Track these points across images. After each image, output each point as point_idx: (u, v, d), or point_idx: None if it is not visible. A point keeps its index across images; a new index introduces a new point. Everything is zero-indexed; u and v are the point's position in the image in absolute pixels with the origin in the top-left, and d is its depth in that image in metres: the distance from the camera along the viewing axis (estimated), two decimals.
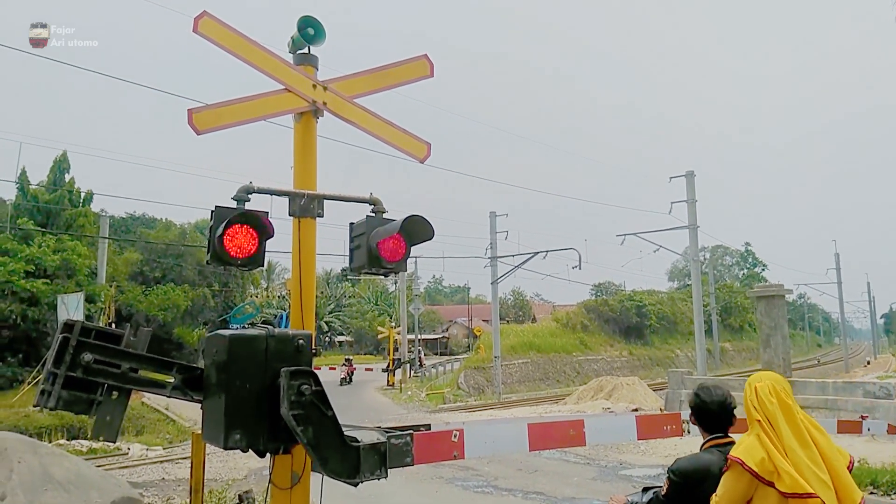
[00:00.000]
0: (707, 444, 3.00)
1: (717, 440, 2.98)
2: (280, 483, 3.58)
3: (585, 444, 4.23)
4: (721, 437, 2.98)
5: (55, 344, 3.25)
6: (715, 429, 3.01)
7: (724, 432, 3.00)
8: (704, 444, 3.03)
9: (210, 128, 3.52)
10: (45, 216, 34.98)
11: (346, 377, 35.56)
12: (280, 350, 3.33)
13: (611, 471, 11.53)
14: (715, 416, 2.99)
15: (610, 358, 46.24)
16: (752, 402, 2.68)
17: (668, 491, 2.93)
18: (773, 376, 2.76)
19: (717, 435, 3.00)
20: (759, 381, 2.72)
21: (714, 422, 3.00)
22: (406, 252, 4.01)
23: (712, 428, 3.02)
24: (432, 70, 4.38)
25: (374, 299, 72.97)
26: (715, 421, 3.00)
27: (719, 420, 2.99)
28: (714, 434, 3.01)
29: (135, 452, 15.08)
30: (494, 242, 31.34)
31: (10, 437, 9.45)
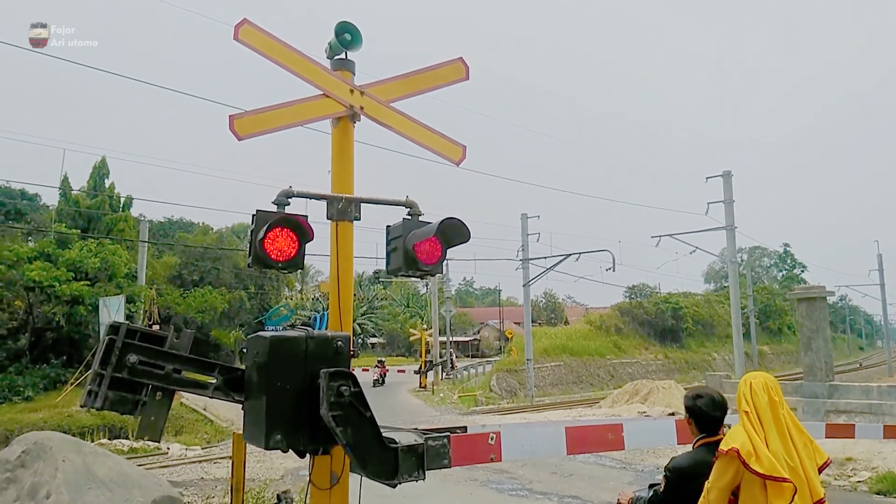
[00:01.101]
0: (699, 443, 3.24)
1: (708, 439, 3.20)
2: (319, 483, 3.61)
3: (624, 448, 4.18)
4: (711, 436, 3.20)
5: (101, 345, 3.33)
6: (707, 429, 3.24)
7: (716, 432, 3.22)
8: (696, 443, 3.26)
9: (251, 133, 3.59)
10: (87, 221, 35.98)
11: (378, 378, 35.78)
12: (319, 351, 3.36)
13: (647, 475, 11.37)
14: (711, 418, 3.24)
15: (645, 361, 45.62)
16: (744, 395, 2.94)
17: (665, 487, 3.17)
18: (766, 375, 3.05)
19: (707, 434, 3.23)
20: (753, 378, 3.01)
21: (709, 423, 3.24)
22: (442, 255, 4.02)
23: (706, 428, 3.24)
24: (468, 73, 4.39)
25: (406, 302, 73.26)
26: (710, 422, 3.24)
27: (714, 421, 3.24)
28: (705, 433, 3.24)
29: (174, 452, 15.37)
30: (526, 244, 31.21)
31: (54, 436, 9.72)
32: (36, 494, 8.35)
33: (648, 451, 13.03)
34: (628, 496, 3.45)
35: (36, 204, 46.82)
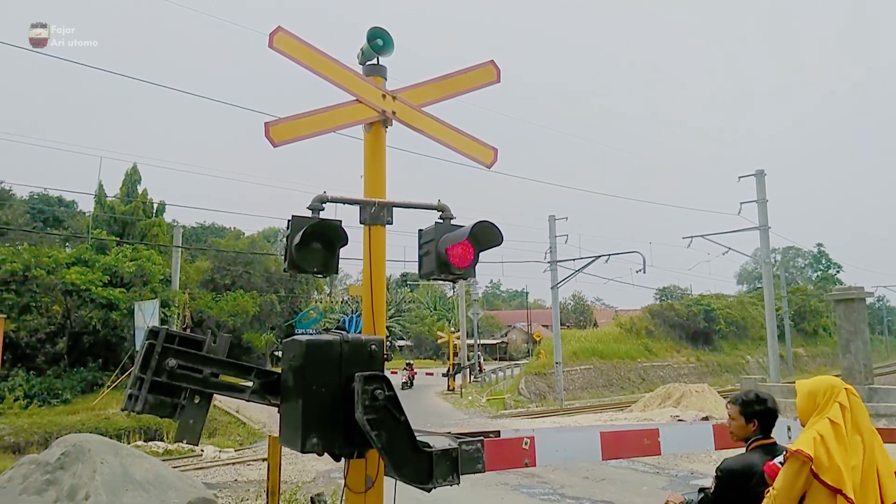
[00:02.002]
0: (754, 445, 3.19)
1: (764, 441, 3.17)
2: (355, 487, 3.63)
3: (660, 453, 4.13)
4: (767, 439, 3.17)
5: (141, 350, 3.39)
6: (767, 430, 3.19)
7: (769, 434, 3.20)
8: (751, 445, 3.20)
9: (285, 140, 3.63)
10: (122, 226, 36.78)
11: (407, 381, 35.89)
12: (354, 355, 3.37)
13: (682, 480, 11.20)
14: (773, 419, 3.22)
15: (676, 364, 44.97)
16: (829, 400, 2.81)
17: (715, 489, 3.13)
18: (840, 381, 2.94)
19: (763, 436, 3.19)
20: (837, 383, 2.89)
21: (771, 424, 3.20)
22: (475, 258, 4.02)
23: (766, 430, 3.20)
24: (499, 76, 4.38)
25: (433, 304, 73.37)
26: (771, 424, 3.21)
27: (774, 423, 3.22)
28: (762, 435, 3.19)
29: (208, 454, 15.60)
30: (554, 246, 31.03)
31: (92, 438, 9.93)
32: (75, 496, 8.53)
33: (682, 456, 12.83)
34: (679, 499, 3.42)
35: (73, 210, 48.02)
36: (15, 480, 9.01)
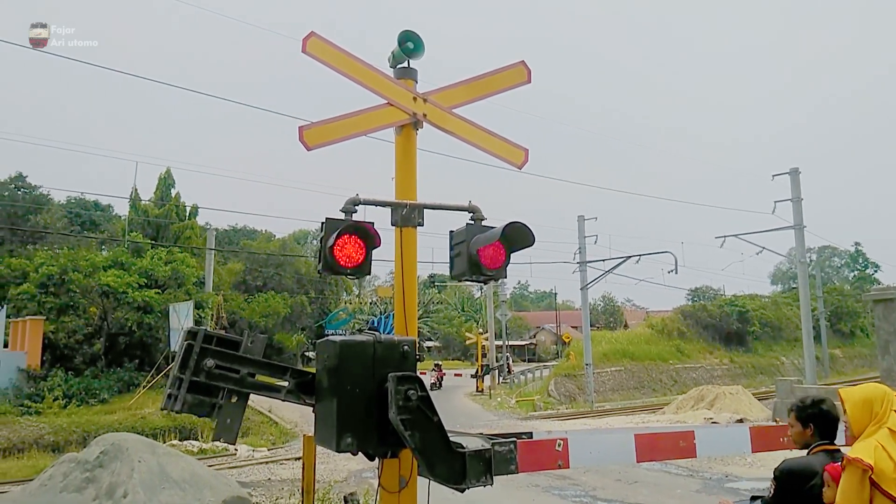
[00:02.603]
0: (817, 449, 3.11)
1: (827, 446, 3.10)
2: (389, 486, 3.65)
3: (696, 455, 4.07)
4: (829, 444, 3.11)
5: (180, 350, 3.46)
6: (828, 435, 3.13)
7: (834, 439, 3.13)
8: (814, 449, 3.13)
9: (319, 143, 3.68)
10: (156, 230, 37.54)
11: (436, 382, 35.94)
12: (386, 355, 3.39)
13: (716, 483, 11.04)
14: (835, 423, 3.14)
15: (709, 366, 44.26)
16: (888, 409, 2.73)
17: (774, 491, 3.05)
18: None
19: (824, 441, 3.12)
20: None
21: (833, 429, 3.14)
22: (506, 259, 4.02)
23: (827, 434, 3.13)
24: (529, 76, 4.38)
25: (461, 305, 73.38)
26: (833, 428, 3.14)
27: (836, 428, 3.14)
28: (825, 440, 3.13)
29: (242, 453, 15.82)
30: (583, 247, 30.81)
31: (130, 437, 10.15)
32: (113, 494, 8.72)
33: (716, 459, 12.64)
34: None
35: (109, 214, 49.15)
36: (55, 479, 9.26)
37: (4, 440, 17.82)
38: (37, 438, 18.16)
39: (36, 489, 9.25)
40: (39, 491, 9.16)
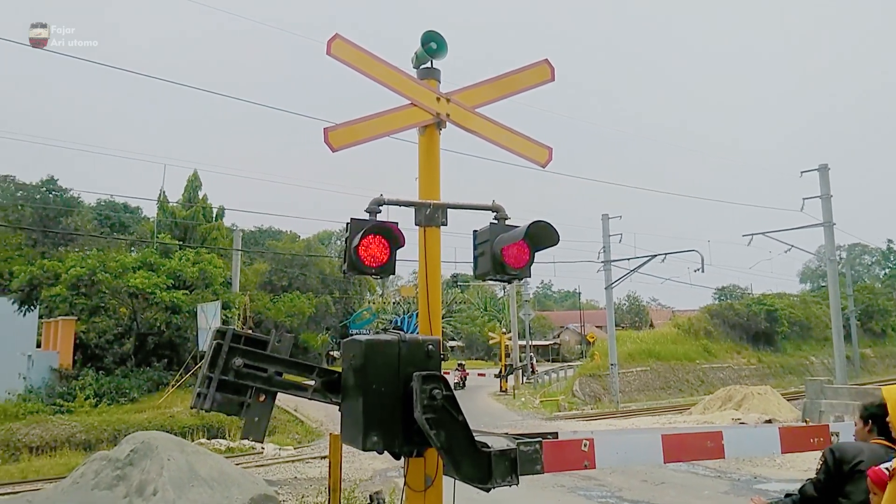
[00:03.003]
0: (873, 442, 3.17)
1: (885, 441, 3.12)
2: (414, 485, 3.67)
3: (724, 456, 4.03)
4: (887, 440, 3.11)
5: (209, 349, 3.52)
6: (884, 432, 3.13)
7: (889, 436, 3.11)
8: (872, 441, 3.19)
9: (344, 145, 3.70)
10: (183, 231, 38.09)
11: (459, 382, 35.93)
12: (411, 355, 3.40)
13: (744, 484, 10.88)
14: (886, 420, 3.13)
15: (737, 366, 43.64)
16: None
17: (821, 467, 3.10)
18: None
19: (882, 437, 3.15)
20: None
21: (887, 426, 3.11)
22: (531, 258, 4.01)
23: (884, 431, 3.12)
24: (553, 74, 4.36)
25: (483, 305, 73.27)
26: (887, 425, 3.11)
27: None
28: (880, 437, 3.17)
29: (269, 452, 15.98)
30: (608, 246, 30.57)
31: (159, 436, 10.31)
32: (144, 491, 8.88)
33: (744, 460, 12.47)
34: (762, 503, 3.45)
35: (138, 216, 50.00)
36: (87, 476, 9.45)
37: (38, 438, 18.21)
38: (69, 437, 18.52)
39: (68, 486, 9.45)
40: (72, 488, 9.36)
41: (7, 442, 17.88)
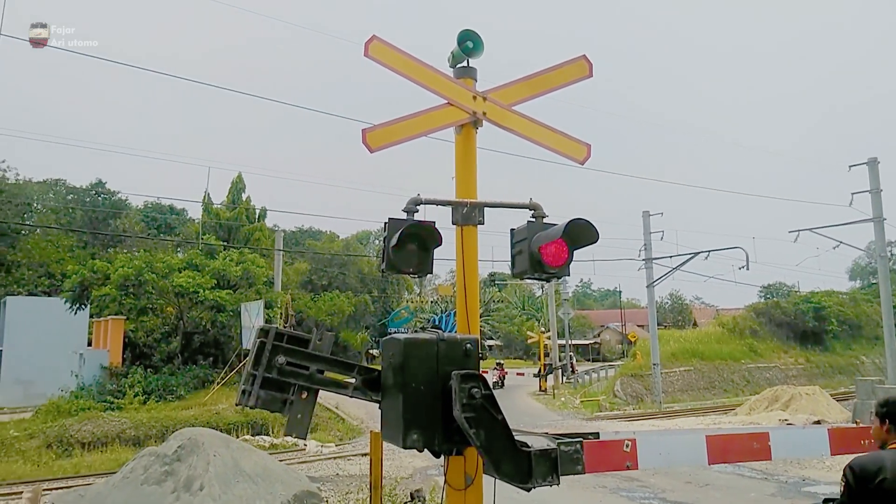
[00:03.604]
0: (892, 445, 3.05)
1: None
2: (455, 484, 3.68)
3: (771, 458, 3.92)
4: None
5: (253, 348, 3.59)
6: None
7: None
8: (890, 445, 3.07)
9: (381, 145, 3.74)
10: (227, 232, 38.91)
11: (497, 381, 35.83)
12: (450, 353, 3.41)
13: (792, 487, 10.60)
14: None
15: (784, 366, 42.49)
16: None
17: (844, 489, 2.99)
18: None
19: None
20: None
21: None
22: (569, 257, 3.97)
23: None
24: (591, 70, 4.31)
25: (521, 304, 72.91)
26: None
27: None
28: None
29: (311, 449, 16.21)
30: (649, 243, 30.09)
31: (205, 432, 10.56)
32: (191, 486, 9.10)
33: (792, 462, 12.15)
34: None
35: (183, 218, 51.26)
36: (137, 471, 9.73)
37: (89, 434, 18.80)
38: (119, 433, 19.07)
39: (119, 481, 9.75)
40: (122, 483, 9.65)
41: (60, 438, 18.50)
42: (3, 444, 18.25)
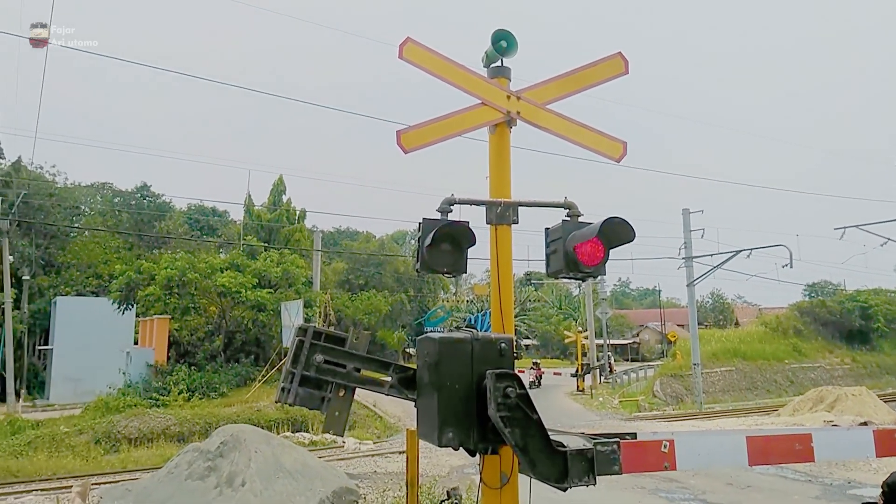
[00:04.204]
0: None
1: None
2: (490, 483, 3.69)
3: (814, 459, 3.83)
4: None
5: (292, 346, 3.67)
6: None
7: None
8: None
9: (416, 146, 3.77)
10: (268, 233, 39.62)
11: (534, 381, 35.69)
12: (484, 353, 3.43)
13: (837, 490, 10.32)
14: None
15: (829, 366, 41.30)
16: None
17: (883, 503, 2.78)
18: None
19: None
20: None
21: None
22: (605, 256, 3.93)
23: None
24: (627, 67, 4.27)
25: (558, 303, 72.37)
26: None
27: None
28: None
29: (349, 446, 16.40)
30: (689, 242, 29.56)
31: (247, 429, 10.78)
32: (233, 482, 9.31)
33: (838, 464, 11.81)
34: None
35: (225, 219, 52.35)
36: (181, 467, 9.99)
37: (136, 430, 19.35)
38: (164, 429, 19.57)
39: (164, 476, 10.03)
40: (167, 478, 9.93)
41: (108, 433, 19.09)
42: (54, 439, 18.91)
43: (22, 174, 38.92)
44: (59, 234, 41.34)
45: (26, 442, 18.79)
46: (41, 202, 39.76)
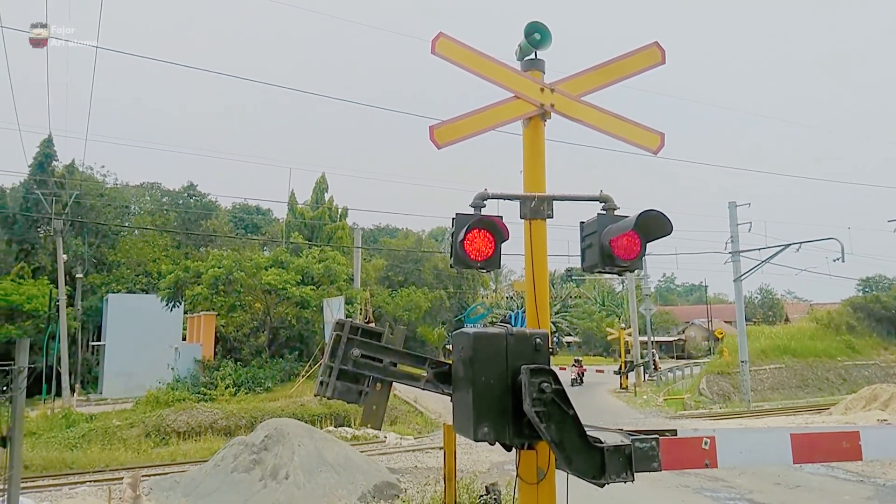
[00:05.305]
0: None
1: None
2: (527, 478, 3.68)
3: (861, 458, 3.70)
4: None
5: (330, 340, 3.72)
6: None
7: None
8: None
9: (449, 141, 3.77)
10: (310, 231, 40.21)
11: (577, 378, 35.38)
12: (519, 348, 3.41)
13: (890, 490, 9.95)
14: None
15: (885, 363, 39.76)
16: None
17: None
18: None
19: None
20: None
21: None
22: (642, 249, 3.87)
23: None
24: (664, 57, 4.19)
25: (601, 300, 71.50)
26: None
27: None
28: None
29: (390, 441, 16.53)
30: (736, 235, 28.84)
31: (291, 423, 10.99)
32: (277, 474, 9.50)
33: (891, 464, 11.39)
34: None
35: (269, 218, 53.34)
36: (227, 459, 10.24)
37: (184, 424, 19.89)
38: (211, 423, 20.06)
39: (211, 469, 10.30)
40: (214, 470, 10.19)
41: (158, 427, 19.66)
42: (107, 432, 19.58)
43: (74, 175, 40.33)
44: (109, 234, 42.72)
45: (80, 435, 19.52)
46: (92, 202, 41.16)
